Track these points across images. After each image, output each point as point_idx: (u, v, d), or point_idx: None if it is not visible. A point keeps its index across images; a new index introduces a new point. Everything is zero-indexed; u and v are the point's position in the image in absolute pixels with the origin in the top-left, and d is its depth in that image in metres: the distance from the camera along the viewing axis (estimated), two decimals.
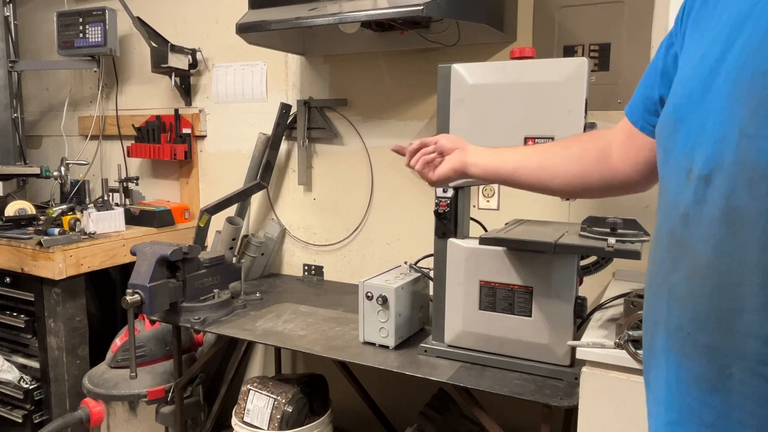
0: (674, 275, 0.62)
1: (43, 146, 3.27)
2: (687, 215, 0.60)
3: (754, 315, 0.53)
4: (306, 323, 1.85)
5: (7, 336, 2.40)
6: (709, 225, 0.57)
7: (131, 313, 1.77)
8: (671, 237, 0.62)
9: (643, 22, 1.77)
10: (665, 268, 0.64)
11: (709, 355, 0.57)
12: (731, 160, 0.54)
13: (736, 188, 0.54)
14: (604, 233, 1.36)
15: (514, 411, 1.97)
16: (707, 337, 0.57)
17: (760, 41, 0.54)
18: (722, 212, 0.55)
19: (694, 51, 0.66)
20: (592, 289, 1.85)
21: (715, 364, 0.57)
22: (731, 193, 0.54)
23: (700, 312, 0.58)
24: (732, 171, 0.54)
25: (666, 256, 0.64)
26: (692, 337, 0.59)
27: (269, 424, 1.84)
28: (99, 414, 2.13)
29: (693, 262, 0.59)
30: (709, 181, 0.57)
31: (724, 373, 0.56)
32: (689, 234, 0.59)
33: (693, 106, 0.61)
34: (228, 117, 2.61)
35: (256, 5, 1.96)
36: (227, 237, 2.23)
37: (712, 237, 0.56)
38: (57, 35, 2.72)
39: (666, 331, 0.63)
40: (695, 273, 0.58)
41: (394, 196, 2.25)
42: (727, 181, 0.55)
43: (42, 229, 2.26)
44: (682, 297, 0.60)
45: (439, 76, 1.47)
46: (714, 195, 0.56)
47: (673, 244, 0.62)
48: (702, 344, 0.58)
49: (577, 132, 1.33)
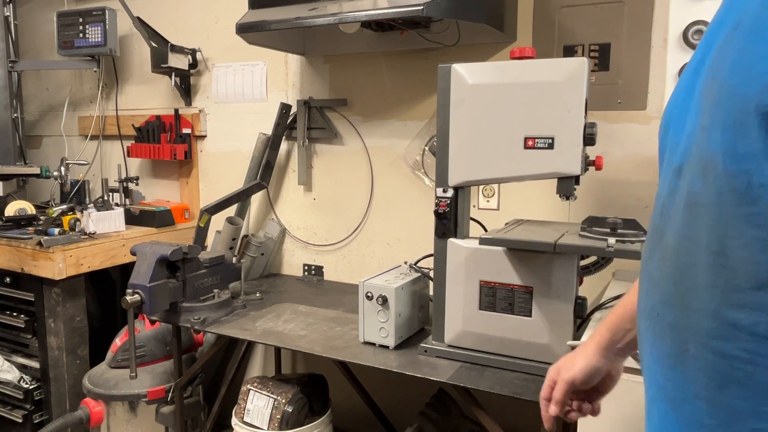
0: (651, 261, 0.66)
1: (43, 146, 3.27)
2: (663, 206, 0.64)
3: (704, 293, 0.57)
4: (306, 323, 1.85)
5: (7, 336, 2.41)
6: (676, 212, 0.61)
7: (131, 313, 1.77)
8: (653, 228, 0.67)
9: (643, 22, 1.77)
10: (646, 256, 0.69)
11: (672, 332, 0.61)
12: (695, 151, 0.59)
13: (694, 176, 0.58)
14: (604, 233, 1.36)
15: (514, 411, 1.97)
16: (671, 315, 0.61)
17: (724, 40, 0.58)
18: (685, 199, 0.60)
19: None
20: (592, 289, 1.86)
21: (676, 341, 0.61)
22: (691, 181, 0.59)
23: (665, 292, 0.62)
24: (693, 161, 0.59)
25: (647, 246, 0.69)
26: (661, 317, 0.63)
27: (269, 424, 1.84)
28: (99, 414, 2.13)
29: (664, 248, 0.63)
30: (679, 173, 0.61)
31: (683, 348, 0.60)
32: (664, 223, 0.64)
33: (677, 109, 0.66)
34: (228, 117, 2.61)
35: (256, 5, 1.96)
36: (227, 237, 2.23)
37: (677, 223, 0.61)
38: (57, 35, 2.72)
39: (644, 314, 0.68)
40: (665, 257, 0.63)
41: (394, 196, 2.25)
42: (689, 171, 0.59)
43: (42, 229, 2.26)
44: (654, 280, 0.65)
45: (439, 76, 1.47)
46: (681, 185, 0.61)
47: (652, 234, 0.67)
48: (666, 323, 0.62)
49: (577, 131, 1.33)
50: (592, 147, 1.44)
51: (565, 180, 1.38)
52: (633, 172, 1.82)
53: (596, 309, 1.53)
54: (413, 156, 2.19)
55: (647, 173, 1.80)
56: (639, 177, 1.81)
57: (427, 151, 2.15)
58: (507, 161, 1.41)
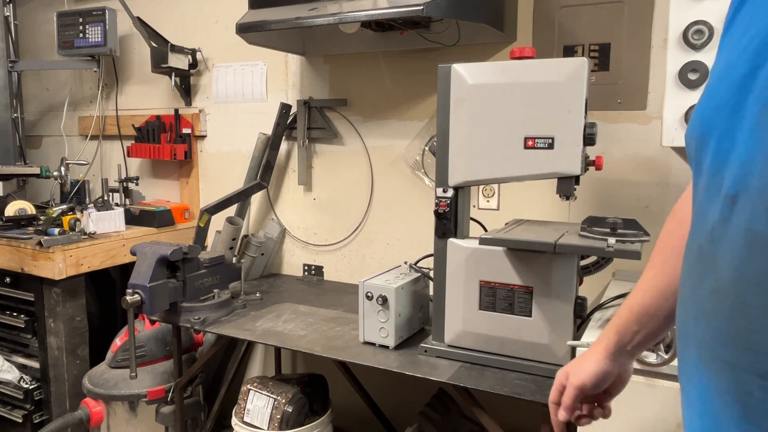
0: (700, 291, 0.63)
1: (43, 146, 3.27)
2: (713, 232, 0.61)
3: None
4: (306, 323, 1.85)
5: (7, 336, 2.41)
6: (732, 245, 0.58)
7: (131, 313, 1.77)
8: (700, 251, 0.64)
9: (643, 22, 1.77)
10: (693, 281, 0.65)
11: (732, 372, 0.59)
12: (756, 184, 0.55)
13: (757, 213, 0.55)
14: (604, 233, 1.36)
15: (514, 411, 1.97)
16: (727, 354, 0.59)
17: None
18: (743, 235, 0.56)
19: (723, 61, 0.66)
20: (592, 289, 1.86)
21: (736, 380, 0.58)
22: (752, 217, 0.55)
23: (721, 328, 0.60)
24: (755, 195, 0.55)
25: (694, 270, 0.65)
26: (716, 352, 0.60)
27: (269, 424, 1.84)
28: (99, 414, 2.13)
29: (717, 280, 0.60)
30: (734, 202, 0.58)
31: (745, 390, 0.57)
32: (715, 251, 0.60)
33: (722, 120, 0.61)
34: (228, 117, 2.61)
35: (256, 5, 1.96)
36: (227, 237, 2.23)
37: (733, 257, 0.58)
38: (57, 35, 2.72)
39: (695, 344, 0.65)
40: (719, 290, 0.60)
41: (394, 196, 2.25)
42: (750, 205, 0.56)
43: (42, 229, 2.26)
44: (707, 313, 0.62)
45: (439, 76, 1.47)
46: (738, 216, 0.57)
47: (700, 259, 0.64)
48: (723, 360, 0.59)
49: (577, 131, 1.33)
50: (592, 147, 1.45)
51: (565, 180, 1.38)
52: (633, 172, 1.82)
53: (596, 309, 1.53)
54: (413, 156, 2.19)
55: (647, 173, 1.80)
56: (639, 177, 1.81)
57: (427, 151, 2.15)
58: (507, 161, 1.41)
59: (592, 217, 1.54)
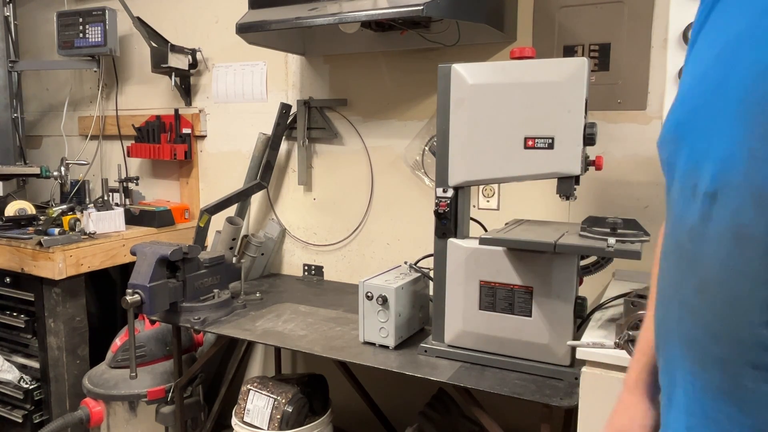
0: (684, 289, 0.64)
1: (43, 146, 3.27)
2: (693, 231, 0.62)
3: (763, 327, 0.55)
4: (306, 323, 1.85)
5: (7, 336, 2.41)
6: (717, 241, 0.59)
7: (131, 313, 1.77)
8: (680, 251, 0.65)
9: (643, 22, 1.77)
10: (675, 281, 0.66)
11: (724, 366, 0.59)
12: (739, 179, 0.56)
13: (743, 206, 0.56)
14: (604, 233, 1.36)
15: (514, 411, 1.97)
16: (719, 349, 0.59)
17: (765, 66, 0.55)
18: (729, 229, 0.57)
19: (695, 67, 0.68)
20: (592, 289, 1.86)
21: (728, 374, 0.59)
22: (737, 212, 0.56)
23: (711, 325, 0.60)
24: (739, 190, 0.56)
25: (675, 270, 0.66)
26: (707, 348, 0.61)
27: (269, 424, 1.84)
28: (99, 414, 2.13)
29: (702, 277, 0.61)
30: (714, 199, 0.59)
31: (737, 383, 0.58)
32: (696, 249, 0.61)
33: (697, 122, 0.63)
34: (228, 117, 2.61)
35: (256, 5, 1.96)
36: (227, 237, 2.23)
37: (719, 253, 0.58)
38: (57, 35, 2.72)
39: (680, 342, 0.65)
40: (705, 287, 0.60)
41: (394, 196, 2.25)
42: (733, 200, 0.57)
43: (42, 229, 2.26)
44: (694, 310, 0.62)
45: (439, 76, 1.47)
46: (719, 213, 0.58)
47: (682, 258, 0.64)
48: (714, 355, 0.60)
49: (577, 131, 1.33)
50: (592, 147, 1.45)
51: (565, 180, 1.38)
52: (633, 172, 1.82)
53: (596, 309, 1.53)
54: (413, 156, 2.19)
55: (647, 173, 1.80)
56: (639, 177, 1.81)
57: (427, 151, 2.15)
58: (507, 161, 1.41)
59: (592, 217, 1.54)
